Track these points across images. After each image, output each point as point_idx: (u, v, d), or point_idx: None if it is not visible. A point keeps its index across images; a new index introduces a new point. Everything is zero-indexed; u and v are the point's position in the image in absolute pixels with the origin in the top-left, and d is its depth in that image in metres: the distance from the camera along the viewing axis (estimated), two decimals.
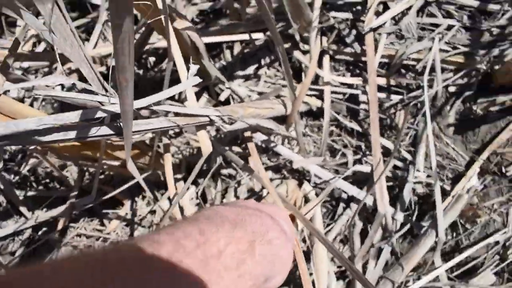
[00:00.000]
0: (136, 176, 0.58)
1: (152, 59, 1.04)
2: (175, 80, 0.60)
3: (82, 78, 0.45)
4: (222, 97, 0.97)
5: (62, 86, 0.99)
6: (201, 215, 0.31)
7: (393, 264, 0.92)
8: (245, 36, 0.99)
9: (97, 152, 0.64)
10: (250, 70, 1.01)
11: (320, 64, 0.97)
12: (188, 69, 0.61)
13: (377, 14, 1.00)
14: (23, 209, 0.84)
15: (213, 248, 0.25)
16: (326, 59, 0.98)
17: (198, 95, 0.99)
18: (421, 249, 0.88)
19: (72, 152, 0.60)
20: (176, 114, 0.60)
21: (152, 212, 0.92)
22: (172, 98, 0.62)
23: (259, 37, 1.00)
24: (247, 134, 0.83)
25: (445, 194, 0.93)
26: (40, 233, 0.84)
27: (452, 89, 0.97)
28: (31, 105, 0.98)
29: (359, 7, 1.02)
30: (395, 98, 0.97)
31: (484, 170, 0.95)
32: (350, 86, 0.98)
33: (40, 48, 1.08)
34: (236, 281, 0.25)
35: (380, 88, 0.97)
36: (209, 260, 0.24)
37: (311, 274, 0.93)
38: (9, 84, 0.43)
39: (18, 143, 0.40)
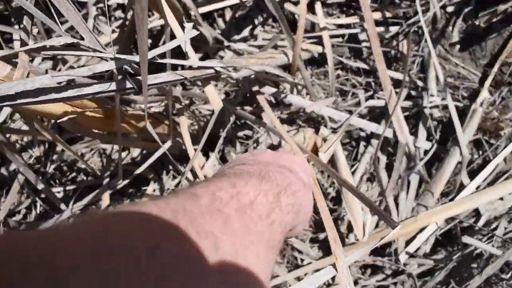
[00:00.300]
0: (153, 134, 0.60)
1: (148, 41, 1.05)
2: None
3: None
4: None
5: None
6: (229, 172, 0.33)
7: (423, 192, 0.92)
8: (234, 0, 0.99)
9: (114, 126, 0.65)
10: (246, 32, 1.02)
11: (313, 12, 0.97)
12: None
13: None
14: (60, 204, 0.87)
15: (245, 199, 0.27)
16: (318, 5, 0.98)
17: None
18: (447, 169, 0.88)
19: (93, 124, 0.62)
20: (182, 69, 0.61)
21: (178, 185, 0.94)
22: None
23: None
24: (255, 88, 0.84)
25: (464, 114, 0.92)
26: None
27: (450, 8, 0.96)
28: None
29: None
30: (394, 29, 0.96)
31: (499, 82, 0.94)
32: (347, 26, 0.98)
33: None
34: (268, 228, 0.26)
35: (377, 23, 0.96)
36: (244, 209, 0.26)
37: (344, 216, 0.94)
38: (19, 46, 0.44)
39: (36, 102, 0.41)
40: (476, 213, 0.91)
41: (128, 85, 0.50)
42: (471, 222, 0.88)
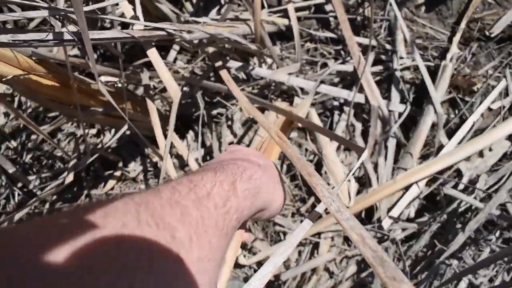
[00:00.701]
0: (107, 97, 0.59)
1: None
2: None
3: None
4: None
5: None
6: (188, 173, 0.37)
7: (402, 155, 0.90)
8: None
9: (72, 96, 0.65)
10: (213, 12, 1.03)
11: None
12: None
13: None
14: (36, 190, 0.88)
15: (203, 191, 0.30)
16: None
17: (167, 49, 1.01)
18: (423, 128, 0.86)
19: (49, 92, 0.62)
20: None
21: (154, 167, 0.94)
22: None
23: None
24: (218, 64, 0.84)
25: (436, 74, 0.91)
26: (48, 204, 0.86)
27: None
28: None
29: None
30: None
31: (468, 39, 0.93)
32: None
33: None
34: (223, 217, 0.29)
35: None
36: (201, 200, 0.28)
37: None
38: None
39: None
40: (458, 174, 0.89)
41: (68, 37, 0.50)
42: (454, 181, 0.86)
